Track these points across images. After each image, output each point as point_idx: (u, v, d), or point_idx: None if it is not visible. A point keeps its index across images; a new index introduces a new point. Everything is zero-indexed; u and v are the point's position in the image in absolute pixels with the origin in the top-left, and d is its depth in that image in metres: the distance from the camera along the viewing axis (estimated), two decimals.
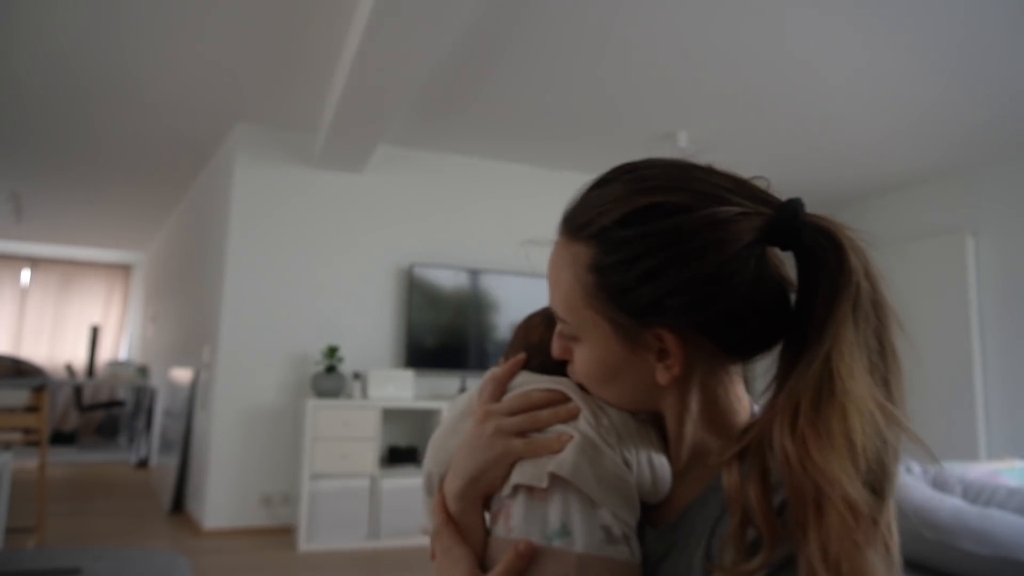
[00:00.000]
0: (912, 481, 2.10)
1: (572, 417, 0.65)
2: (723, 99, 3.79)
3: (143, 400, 6.98)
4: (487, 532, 0.65)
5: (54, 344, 9.48)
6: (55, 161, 5.28)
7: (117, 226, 7.72)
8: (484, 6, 2.88)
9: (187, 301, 5.70)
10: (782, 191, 0.74)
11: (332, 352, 4.16)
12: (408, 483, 4.03)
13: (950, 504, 1.95)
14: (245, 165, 4.36)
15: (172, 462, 4.89)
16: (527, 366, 0.72)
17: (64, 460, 6.76)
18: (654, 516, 0.66)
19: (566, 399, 0.67)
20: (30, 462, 4.20)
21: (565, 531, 0.60)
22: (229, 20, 3.09)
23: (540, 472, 0.62)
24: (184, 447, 4.79)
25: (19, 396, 3.54)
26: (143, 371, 7.59)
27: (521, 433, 0.64)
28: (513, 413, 0.66)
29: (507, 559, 0.60)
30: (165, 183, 5.83)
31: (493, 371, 0.73)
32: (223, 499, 4.12)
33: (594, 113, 3.98)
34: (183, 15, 3.07)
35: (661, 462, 0.66)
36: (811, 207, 0.70)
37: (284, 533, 4.10)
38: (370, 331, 4.49)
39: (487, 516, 0.66)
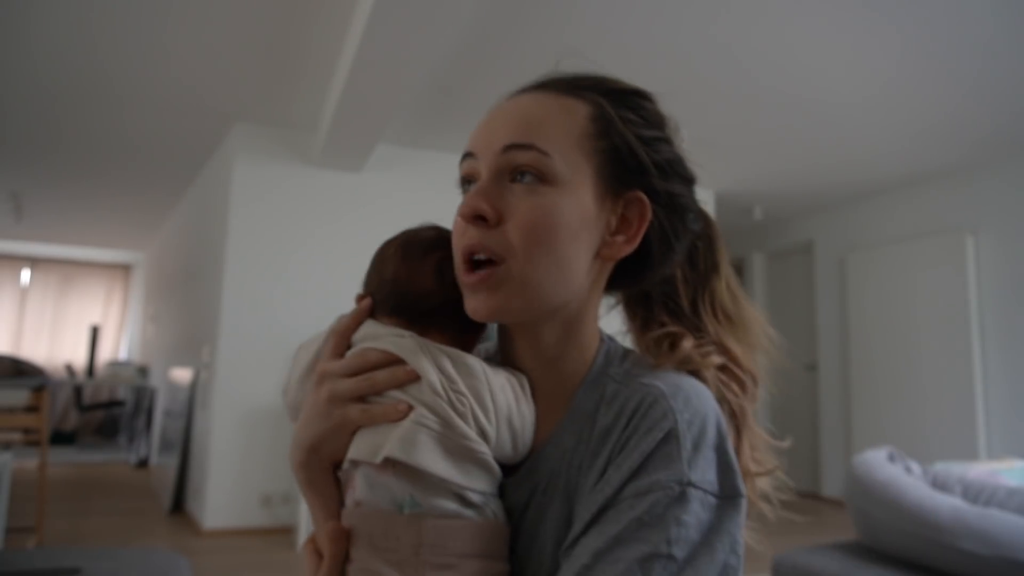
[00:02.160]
0: (912, 481, 2.10)
1: (411, 381, 0.58)
2: (723, 99, 3.79)
3: (143, 400, 6.98)
4: (340, 495, 0.61)
5: (54, 344, 9.47)
6: (55, 161, 5.28)
7: (117, 226, 7.72)
8: (483, 6, 2.88)
9: (187, 301, 5.70)
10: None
11: None
12: None
13: (950, 504, 1.95)
14: (245, 165, 4.36)
15: (172, 462, 4.89)
16: (380, 306, 0.65)
17: (64, 460, 6.76)
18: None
19: (400, 360, 0.59)
20: (30, 462, 4.21)
21: (414, 502, 0.56)
22: (229, 20, 3.09)
23: (376, 446, 0.57)
24: (184, 447, 4.79)
25: (19, 396, 3.54)
26: (143, 371, 7.59)
27: (360, 398, 0.59)
28: (351, 374, 0.60)
29: (328, 549, 0.57)
30: (165, 183, 5.83)
31: (339, 320, 0.65)
32: (223, 499, 4.12)
33: None
34: (183, 15, 3.07)
35: (524, 420, 0.61)
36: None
37: (284, 533, 4.10)
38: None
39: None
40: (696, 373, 0.63)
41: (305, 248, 4.42)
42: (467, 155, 0.64)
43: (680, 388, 0.58)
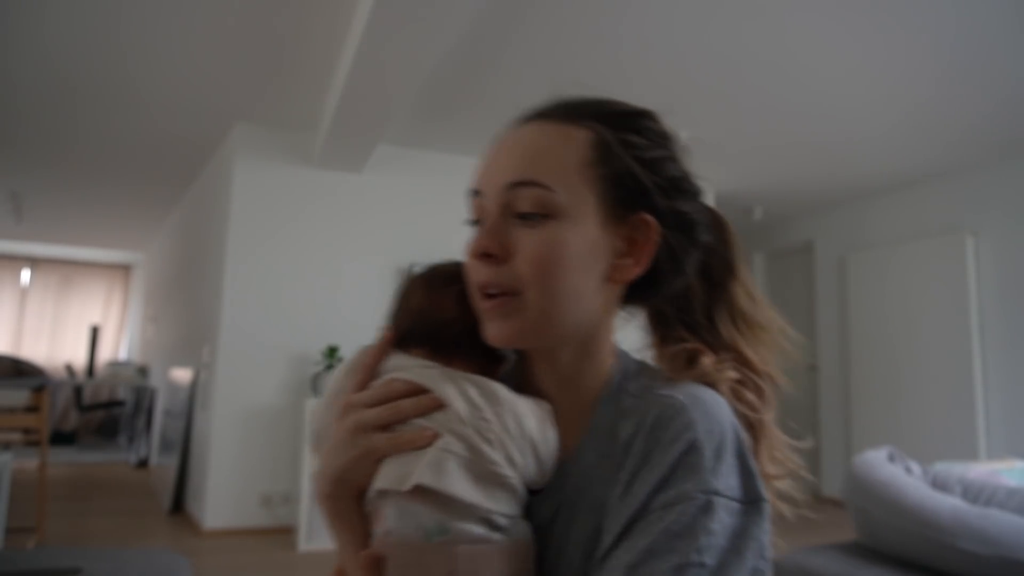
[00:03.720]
0: (912, 481, 2.10)
1: (435, 408, 0.60)
2: (723, 99, 3.79)
3: (143, 400, 6.98)
4: (366, 526, 0.62)
5: (54, 344, 9.47)
6: (55, 161, 5.28)
7: (117, 226, 7.72)
8: (484, 6, 2.88)
9: (187, 301, 5.70)
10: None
11: (332, 352, 4.16)
12: None
13: (950, 504, 1.95)
14: (245, 165, 4.36)
15: (172, 462, 4.89)
16: (408, 337, 0.66)
17: (64, 460, 6.76)
18: None
19: (425, 391, 0.61)
20: (30, 462, 4.20)
21: (443, 529, 0.57)
22: (229, 20, 3.09)
23: (403, 474, 0.58)
24: (184, 447, 4.79)
25: (19, 396, 3.54)
26: (143, 371, 7.59)
27: (384, 427, 0.60)
28: (375, 404, 0.61)
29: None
30: (165, 183, 5.83)
31: (364, 351, 0.67)
32: (223, 499, 4.12)
33: None
34: (183, 15, 3.07)
35: (548, 446, 0.62)
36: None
37: (284, 533, 4.10)
38: (370, 331, 4.46)
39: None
40: (712, 386, 0.64)
41: (305, 248, 4.42)
42: (474, 192, 0.66)
43: (698, 399, 0.59)
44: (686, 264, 0.67)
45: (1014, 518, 1.85)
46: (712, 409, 0.59)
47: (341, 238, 4.50)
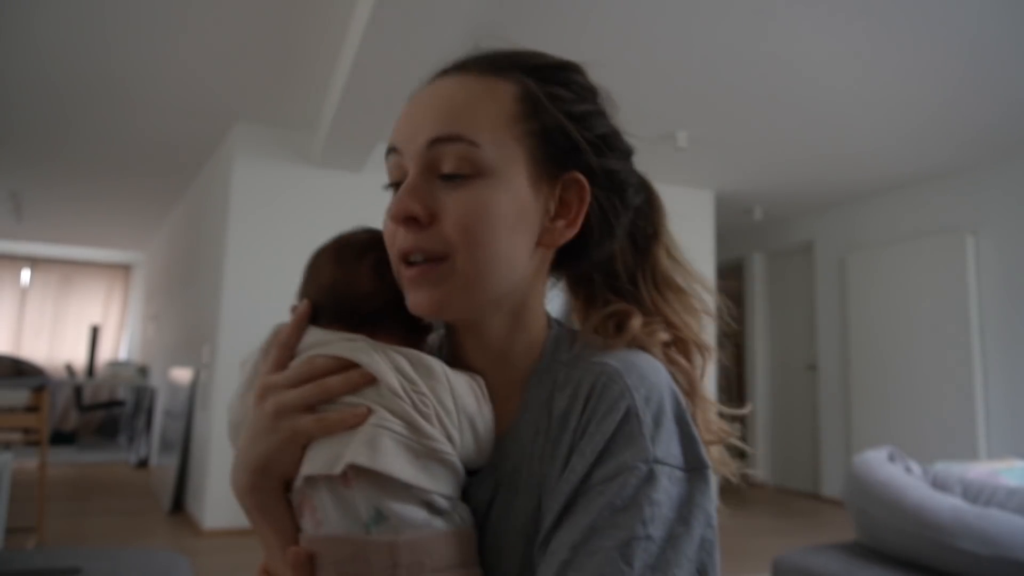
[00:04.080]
0: (912, 481, 2.10)
1: (367, 384, 0.55)
2: (723, 99, 3.79)
3: (143, 400, 6.98)
4: (294, 519, 0.57)
5: (54, 344, 9.47)
6: (55, 161, 5.28)
7: (117, 226, 7.72)
8: (484, 5, 2.88)
9: (187, 301, 5.70)
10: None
11: None
12: None
13: (950, 504, 1.95)
14: (244, 164, 4.36)
15: (172, 462, 4.89)
16: (321, 315, 0.60)
17: (64, 460, 6.76)
18: None
19: (354, 365, 0.55)
20: (30, 462, 4.21)
21: (380, 516, 0.52)
22: (229, 19, 3.09)
23: (334, 456, 0.53)
24: (184, 447, 4.79)
25: (19, 396, 3.54)
26: (143, 371, 7.59)
27: (310, 408, 0.55)
28: (297, 384, 0.56)
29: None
30: (165, 183, 5.83)
31: (277, 329, 0.61)
32: (223, 499, 4.12)
33: None
34: (183, 15, 3.07)
35: (485, 422, 0.59)
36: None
37: None
38: None
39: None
40: (645, 349, 0.61)
41: (305, 248, 4.30)
42: (391, 151, 0.61)
43: (633, 364, 0.56)
44: (617, 226, 0.64)
45: (1014, 518, 1.85)
46: (648, 374, 0.56)
47: None
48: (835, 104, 3.82)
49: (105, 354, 9.47)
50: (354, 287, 0.61)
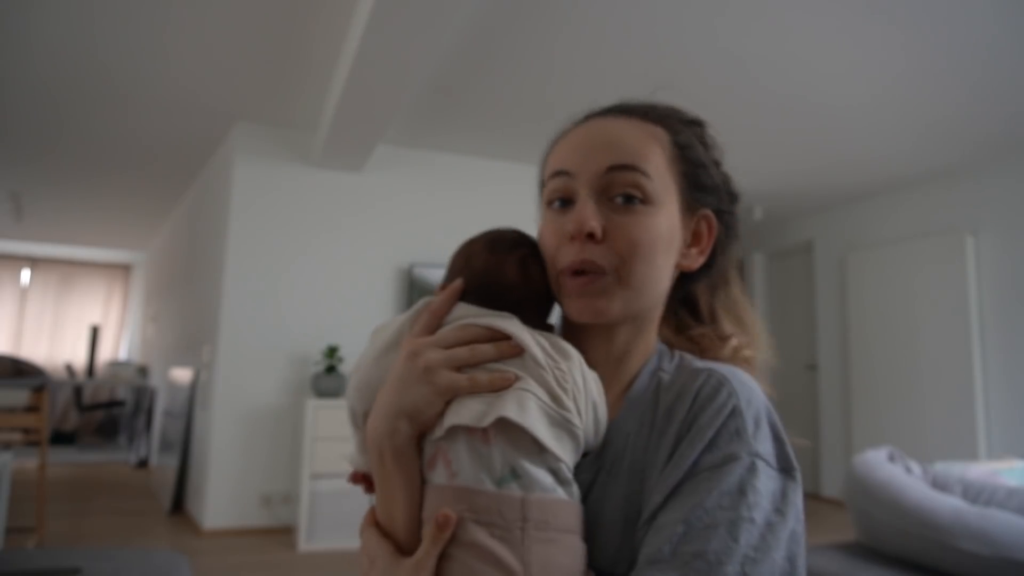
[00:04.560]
0: (912, 481, 2.10)
1: (516, 355, 0.61)
2: (723, 98, 3.78)
3: (143, 400, 6.98)
4: (422, 474, 0.60)
5: (54, 344, 9.47)
6: (55, 161, 5.28)
7: (117, 226, 7.72)
8: (484, 5, 2.88)
9: (187, 301, 5.70)
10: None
11: (332, 352, 4.16)
12: None
13: (950, 504, 1.95)
14: (245, 164, 4.36)
15: (172, 462, 4.89)
16: (466, 296, 0.66)
17: (64, 460, 6.76)
18: None
19: (506, 337, 0.61)
20: (30, 462, 4.21)
21: (515, 474, 0.57)
22: (229, 19, 3.09)
23: (481, 412, 0.57)
24: (184, 447, 4.79)
25: (19, 396, 3.54)
26: (143, 371, 7.59)
27: (458, 368, 0.60)
28: (449, 347, 0.61)
29: (433, 534, 0.56)
30: (165, 183, 5.83)
31: (427, 301, 0.67)
32: (223, 499, 4.12)
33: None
34: (183, 14, 3.07)
35: (603, 409, 0.64)
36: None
37: (284, 533, 4.10)
38: (370, 331, 4.47)
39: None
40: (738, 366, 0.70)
41: (305, 248, 4.42)
42: (561, 173, 0.69)
43: (735, 373, 0.64)
44: (725, 259, 0.75)
45: (1014, 518, 1.85)
46: (747, 382, 0.64)
47: (341, 238, 4.50)
48: (835, 105, 3.82)
49: (105, 354, 9.47)
50: (503, 277, 0.67)
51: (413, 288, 4.49)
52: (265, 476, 4.20)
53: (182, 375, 5.22)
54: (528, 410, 0.57)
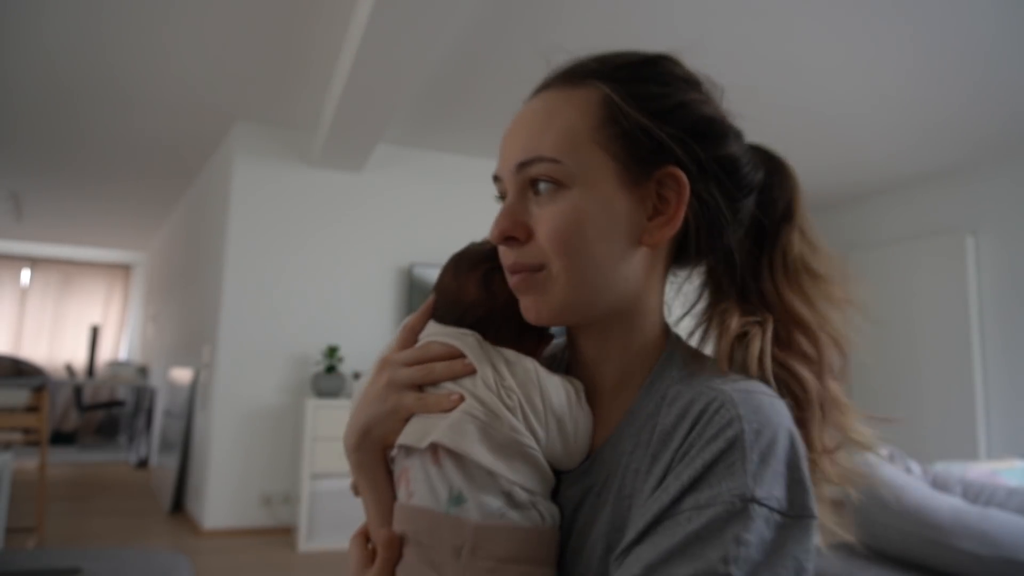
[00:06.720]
0: (912, 481, 2.10)
1: (467, 374, 0.60)
2: (723, 100, 3.78)
3: (143, 400, 6.98)
4: (392, 483, 0.63)
5: (54, 344, 9.47)
6: (55, 161, 5.28)
7: (117, 226, 7.72)
8: (484, 5, 2.88)
9: (187, 301, 5.70)
10: None
11: (332, 352, 4.16)
12: None
13: (950, 504, 1.95)
14: (245, 164, 4.36)
15: (172, 462, 4.89)
16: (435, 313, 0.68)
17: (64, 460, 6.76)
18: None
19: (461, 355, 0.61)
20: (30, 462, 4.21)
21: (460, 497, 0.56)
22: (229, 19, 3.09)
23: (424, 432, 0.58)
24: (184, 447, 4.79)
25: (19, 396, 3.54)
26: (143, 371, 7.59)
27: (417, 386, 0.61)
28: (411, 364, 0.62)
29: (380, 554, 0.58)
30: (165, 183, 5.83)
31: (409, 319, 0.69)
32: (223, 499, 4.12)
33: None
34: (184, 15, 3.07)
35: (577, 424, 0.60)
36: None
37: (284, 533, 4.10)
38: (370, 331, 4.49)
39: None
40: (762, 370, 0.59)
41: (305, 248, 4.42)
42: (495, 178, 0.66)
43: (751, 395, 0.54)
44: (731, 213, 0.62)
45: (1014, 518, 1.85)
46: (765, 408, 0.53)
47: (341, 238, 4.50)
48: (835, 105, 3.82)
49: (105, 354, 9.47)
50: (462, 296, 0.67)
51: (413, 288, 4.49)
52: (265, 476, 4.20)
53: (182, 375, 5.22)
54: (465, 433, 0.56)
